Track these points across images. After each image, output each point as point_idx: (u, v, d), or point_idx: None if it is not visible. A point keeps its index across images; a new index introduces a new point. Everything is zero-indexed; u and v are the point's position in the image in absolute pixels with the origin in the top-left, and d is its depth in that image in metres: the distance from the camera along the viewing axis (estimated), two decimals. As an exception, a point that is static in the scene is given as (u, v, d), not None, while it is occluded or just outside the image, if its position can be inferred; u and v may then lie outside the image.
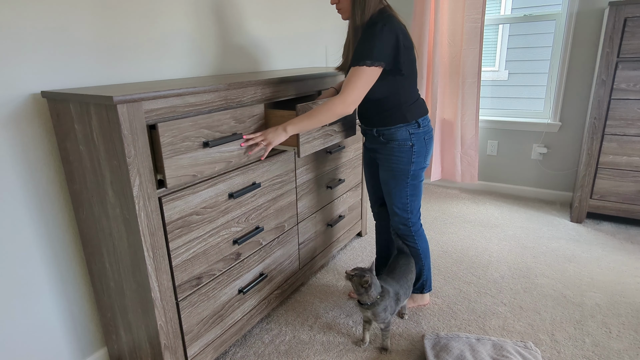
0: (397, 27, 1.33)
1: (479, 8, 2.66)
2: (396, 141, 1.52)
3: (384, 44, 1.31)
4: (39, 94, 1.20)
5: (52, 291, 1.32)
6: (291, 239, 1.75)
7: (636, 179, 2.36)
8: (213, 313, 1.39)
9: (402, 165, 1.55)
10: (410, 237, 1.68)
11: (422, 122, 1.52)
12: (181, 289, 1.25)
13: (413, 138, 1.51)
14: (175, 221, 1.18)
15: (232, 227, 1.40)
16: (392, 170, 1.57)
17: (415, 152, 1.53)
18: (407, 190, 1.58)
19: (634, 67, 2.21)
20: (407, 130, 1.50)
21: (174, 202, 1.17)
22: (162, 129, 1.08)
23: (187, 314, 1.28)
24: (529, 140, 2.96)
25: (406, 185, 1.57)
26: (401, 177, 1.56)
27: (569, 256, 2.19)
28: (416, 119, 1.50)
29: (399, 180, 1.57)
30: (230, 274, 1.44)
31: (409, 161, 1.53)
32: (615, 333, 1.62)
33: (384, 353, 1.54)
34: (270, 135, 1.34)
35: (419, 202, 1.65)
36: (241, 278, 1.50)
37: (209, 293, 1.36)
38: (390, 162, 1.56)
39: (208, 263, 1.33)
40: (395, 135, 1.51)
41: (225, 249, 1.39)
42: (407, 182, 1.57)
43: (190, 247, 1.25)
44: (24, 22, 1.14)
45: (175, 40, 1.59)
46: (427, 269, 1.75)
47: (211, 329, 1.40)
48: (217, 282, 1.38)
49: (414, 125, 1.50)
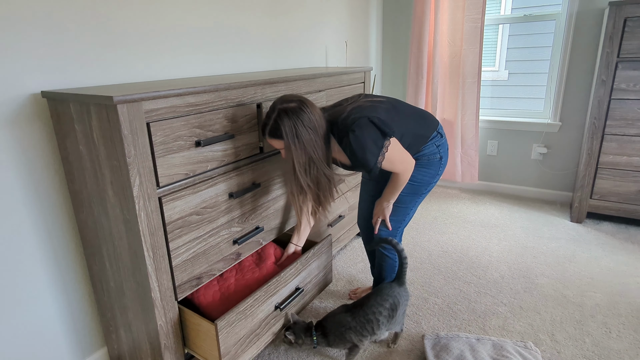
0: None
1: (479, 8, 2.66)
2: (424, 156, 1.47)
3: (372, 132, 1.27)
4: (39, 94, 1.20)
5: (52, 291, 1.32)
6: (325, 250, 1.70)
7: (636, 179, 2.36)
8: (250, 332, 1.34)
9: (428, 178, 1.49)
10: (386, 247, 1.62)
11: (440, 130, 1.48)
12: (181, 289, 1.24)
13: (441, 150, 1.47)
14: (175, 221, 1.18)
15: (232, 227, 1.39)
16: (412, 185, 1.50)
17: (443, 163, 1.49)
18: (417, 201, 1.54)
19: (634, 67, 2.21)
20: (433, 144, 1.46)
21: (174, 202, 1.16)
22: (154, 129, 1.08)
23: (224, 334, 1.23)
24: (529, 140, 2.96)
25: (420, 196, 1.53)
26: (420, 191, 1.51)
27: (569, 256, 2.19)
28: (436, 129, 1.46)
29: (416, 195, 1.52)
30: (268, 290, 1.38)
31: (435, 173, 1.49)
32: (615, 333, 1.62)
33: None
34: (385, 212, 1.52)
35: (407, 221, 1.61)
36: None
37: (246, 311, 1.31)
38: (413, 177, 1.49)
39: (208, 263, 1.32)
40: (421, 152, 1.46)
41: (226, 249, 1.39)
42: (424, 192, 1.52)
43: (190, 247, 1.24)
44: (24, 21, 1.14)
45: (176, 40, 1.59)
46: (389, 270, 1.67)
47: (248, 349, 1.35)
48: (254, 299, 1.33)
49: (437, 136, 1.46)
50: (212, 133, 1.26)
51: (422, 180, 1.50)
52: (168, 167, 1.13)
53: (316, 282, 1.66)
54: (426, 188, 1.52)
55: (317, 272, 1.65)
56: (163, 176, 1.12)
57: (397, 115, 1.38)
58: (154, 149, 1.08)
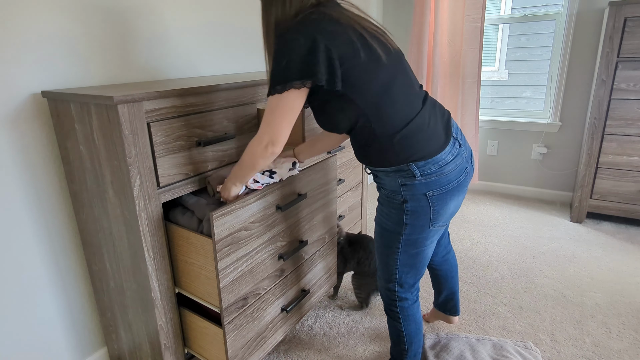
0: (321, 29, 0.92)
1: (479, 8, 2.66)
2: (385, 190, 1.09)
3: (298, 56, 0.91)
4: (39, 94, 1.20)
5: (52, 291, 1.32)
6: (331, 251, 1.66)
7: (636, 179, 2.37)
8: (257, 335, 1.31)
9: (391, 224, 1.10)
10: (395, 314, 1.24)
11: (421, 169, 1.01)
12: (227, 312, 1.16)
13: (405, 192, 1.04)
14: (224, 238, 1.09)
15: (278, 241, 1.31)
16: (381, 224, 1.14)
17: (409, 211, 1.05)
18: (397, 258, 1.14)
19: (634, 67, 2.21)
20: (396, 179, 1.04)
21: (224, 218, 1.08)
22: (155, 129, 1.08)
23: (232, 338, 1.20)
24: (529, 140, 2.96)
25: (397, 251, 1.13)
26: (390, 239, 1.12)
27: (569, 256, 2.19)
28: (407, 162, 1.00)
29: (389, 242, 1.13)
30: (274, 291, 1.35)
31: (399, 222, 1.08)
32: (615, 333, 1.62)
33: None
34: (225, 193, 1.14)
35: (415, 276, 1.18)
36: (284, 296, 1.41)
37: (253, 314, 1.28)
38: (380, 214, 1.13)
39: (254, 282, 1.25)
40: (383, 182, 1.09)
41: (271, 266, 1.31)
42: (399, 247, 1.12)
43: (237, 266, 1.17)
44: (24, 21, 1.14)
45: (179, 39, 1.59)
46: (411, 356, 1.29)
47: (255, 352, 1.32)
48: (261, 301, 1.30)
49: (406, 173, 1.02)
50: (213, 133, 1.26)
51: (385, 222, 1.12)
52: (168, 167, 1.13)
53: (321, 283, 1.65)
54: (397, 239, 1.11)
55: (322, 274, 1.64)
56: (163, 176, 1.12)
57: (377, 97, 0.97)
58: (155, 149, 1.08)
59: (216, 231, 1.06)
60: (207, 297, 1.20)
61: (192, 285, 1.22)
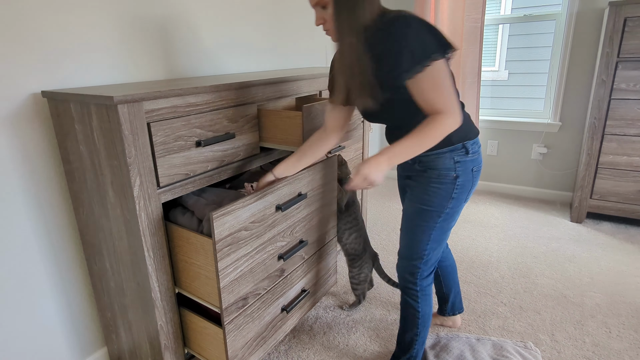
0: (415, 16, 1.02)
1: (479, 8, 2.66)
2: (436, 170, 1.18)
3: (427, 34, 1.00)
4: (39, 93, 1.20)
5: (52, 291, 1.32)
6: (331, 251, 1.66)
7: (636, 179, 2.37)
8: (257, 335, 1.31)
9: (438, 200, 1.20)
10: (413, 293, 1.33)
11: (472, 147, 1.17)
12: (227, 312, 1.16)
13: (458, 168, 1.17)
14: (224, 238, 1.10)
15: (278, 241, 1.32)
16: (422, 204, 1.22)
17: (459, 185, 1.18)
18: (431, 234, 1.24)
19: (634, 67, 2.21)
20: (451, 157, 1.16)
21: (224, 218, 1.08)
22: (155, 129, 1.08)
23: (232, 338, 1.20)
24: (529, 140, 2.97)
25: (433, 227, 1.23)
26: (431, 216, 1.22)
27: (569, 256, 2.19)
28: (463, 142, 1.16)
29: (427, 219, 1.22)
30: (275, 291, 1.35)
31: (447, 196, 1.19)
32: (615, 333, 1.62)
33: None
34: (378, 176, 1.06)
35: (439, 252, 1.30)
36: (284, 295, 1.41)
37: (253, 314, 1.27)
38: (424, 194, 1.21)
39: (254, 282, 1.25)
40: (435, 164, 1.18)
41: (271, 266, 1.31)
42: (437, 222, 1.22)
43: (237, 266, 1.17)
44: (24, 21, 1.14)
45: (179, 39, 1.59)
46: (420, 342, 1.38)
47: (255, 352, 1.31)
48: (261, 301, 1.30)
49: (461, 151, 1.16)
50: (213, 133, 1.26)
51: (430, 200, 1.21)
52: (168, 167, 1.13)
53: (321, 283, 1.65)
54: (440, 214, 1.21)
55: (322, 274, 1.64)
56: (163, 176, 1.12)
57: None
58: (155, 149, 1.08)
59: (216, 231, 1.06)
60: (207, 297, 1.20)
61: (192, 285, 1.22)
